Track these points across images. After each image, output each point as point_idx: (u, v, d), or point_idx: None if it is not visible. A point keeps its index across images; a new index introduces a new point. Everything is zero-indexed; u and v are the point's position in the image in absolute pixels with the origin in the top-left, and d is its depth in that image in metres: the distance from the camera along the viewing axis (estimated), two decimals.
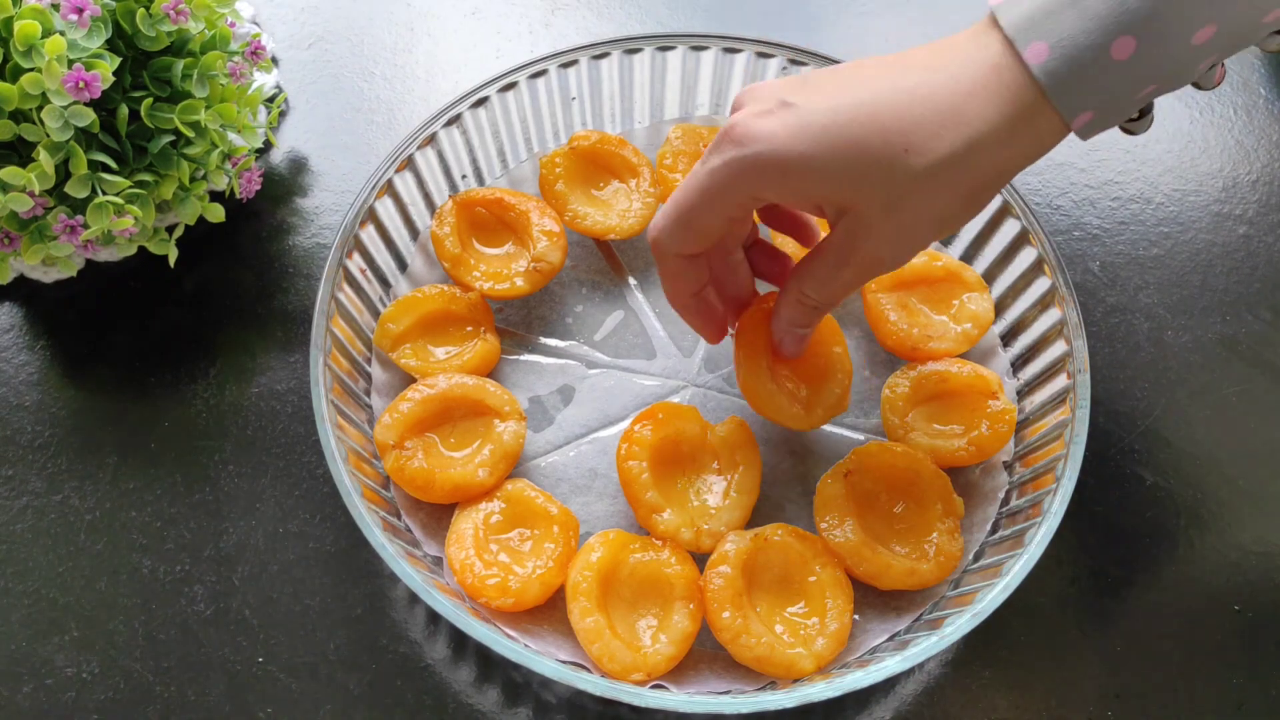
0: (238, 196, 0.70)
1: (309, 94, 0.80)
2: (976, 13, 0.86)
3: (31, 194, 0.61)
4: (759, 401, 0.61)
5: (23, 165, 0.60)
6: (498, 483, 0.61)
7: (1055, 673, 0.61)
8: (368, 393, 0.65)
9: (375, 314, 0.67)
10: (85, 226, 0.62)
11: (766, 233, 0.71)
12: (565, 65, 0.71)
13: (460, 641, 0.61)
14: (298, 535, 0.63)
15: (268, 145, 0.77)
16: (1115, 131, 0.80)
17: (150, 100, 0.63)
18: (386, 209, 0.67)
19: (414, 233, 0.70)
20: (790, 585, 0.59)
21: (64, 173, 0.61)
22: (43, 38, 0.58)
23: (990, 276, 0.69)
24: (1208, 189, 0.79)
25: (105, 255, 0.70)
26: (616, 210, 0.70)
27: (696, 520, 0.60)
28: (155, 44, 0.63)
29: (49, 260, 0.66)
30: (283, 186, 0.76)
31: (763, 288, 0.63)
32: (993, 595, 0.55)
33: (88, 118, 0.60)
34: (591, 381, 0.68)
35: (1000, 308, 0.69)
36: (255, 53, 0.68)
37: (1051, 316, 0.65)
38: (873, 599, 0.60)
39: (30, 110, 0.59)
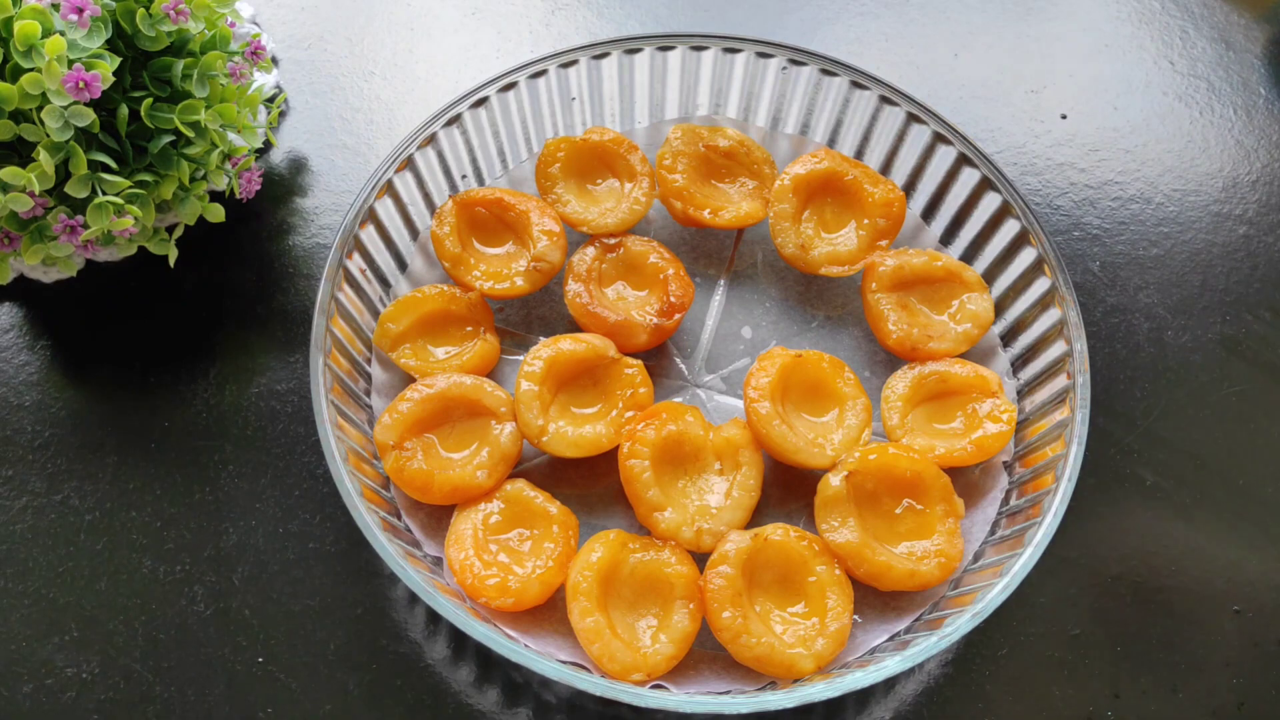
0: (238, 196, 0.70)
1: (309, 94, 0.80)
2: (976, 13, 0.86)
3: (31, 194, 0.61)
4: (775, 447, 0.62)
5: (23, 165, 0.60)
6: (496, 484, 0.61)
7: (1055, 672, 0.61)
8: (368, 393, 0.65)
9: (375, 314, 0.67)
10: (85, 226, 0.62)
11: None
12: (565, 65, 0.71)
13: (460, 641, 0.61)
14: (298, 535, 0.63)
15: (268, 145, 0.77)
16: (1115, 131, 0.80)
17: (150, 100, 0.63)
18: (386, 209, 0.67)
19: (414, 233, 0.70)
20: (790, 585, 0.59)
21: (64, 173, 0.61)
22: (43, 38, 0.58)
23: (990, 276, 0.69)
24: (1208, 189, 0.79)
25: (105, 255, 0.70)
26: (601, 206, 0.70)
27: (697, 520, 0.60)
28: (155, 44, 0.63)
29: (49, 260, 0.66)
30: (283, 186, 0.76)
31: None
32: (993, 595, 0.55)
33: (88, 118, 0.60)
34: None
35: (1000, 308, 0.69)
36: (255, 53, 0.68)
37: (1051, 316, 0.65)
38: (873, 599, 0.60)
39: (30, 110, 0.59)
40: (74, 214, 0.62)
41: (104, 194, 0.61)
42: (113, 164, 0.62)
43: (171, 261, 0.68)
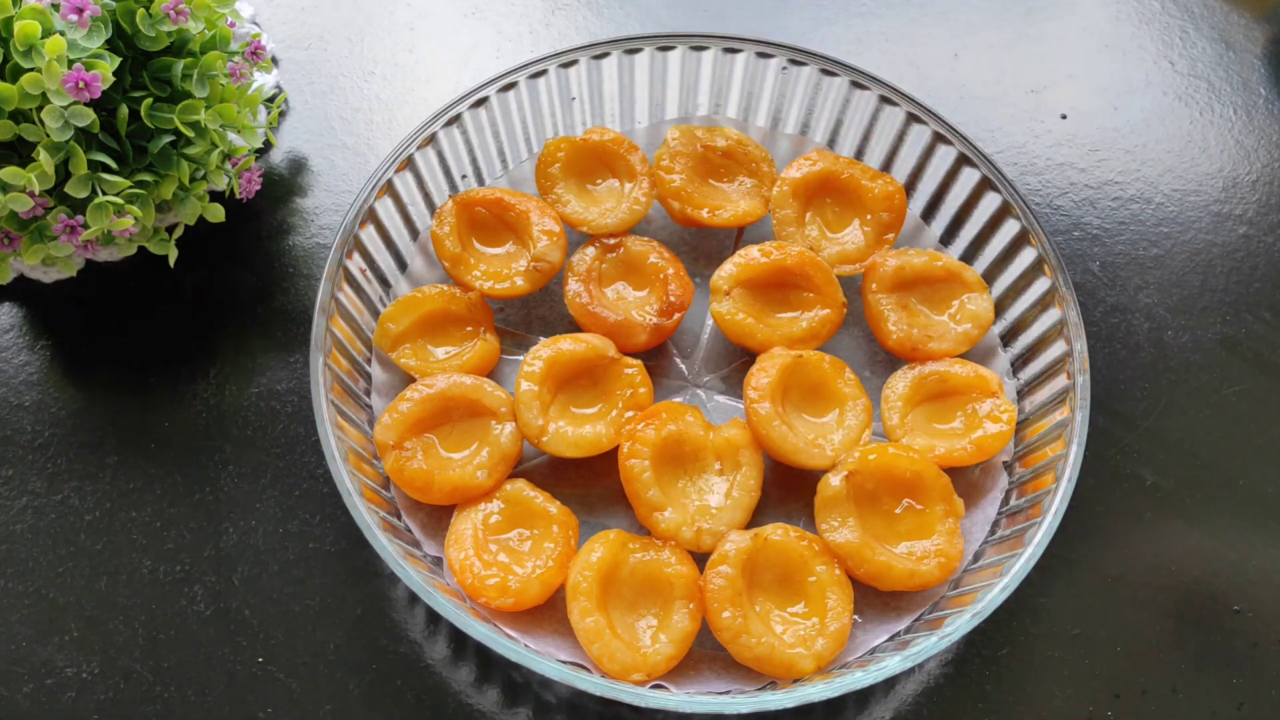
0: (238, 196, 0.70)
1: (309, 94, 0.80)
2: (976, 13, 0.86)
3: (31, 194, 0.61)
4: (775, 447, 0.62)
5: (23, 165, 0.60)
6: (496, 484, 0.61)
7: (1055, 672, 0.61)
8: (368, 393, 0.65)
9: (375, 314, 0.67)
10: (85, 226, 0.62)
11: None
12: (565, 65, 0.71)
13: (460, 641, 0.61)
14: (298, 535, 0.63)
15: (268, 145, 0.77)
16: (1115, 131, 0.80)
17: (150, 100, 0.63)
18: (386, 209, 0.67)
19: (414, 233, 0.70)
20: (790, 585, 0.59)
21: (64, 173, 0.61)
22: (43, 38, 0.58)
23: (990, 276, 0.69)
24: (1208, 189, 0.79)
25: (105, 255, 0.70)
26: (601, 206, 0.70)
27: (697, 520, 0.60)
28: (155, 44, 0.63)
29: (49, 260, 0.66)
30: (283, 186, 0.76)
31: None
32: (993, 595, 0.55)
33: (88, 118, 0.60)
34: None
35: (1000, 308, 0.69)
36: (255, 53, 0.68)
37: (1051, 316, 0.65)
38: (873, 599, 0.60)
39: (30, 110, 0.59)
40: (74, 214, 0.62)
41: (104, 194, 0.61)
42: (113, 164, 0.62)
43: (171, 261, 0.68)
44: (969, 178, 0.69)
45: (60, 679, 0.59)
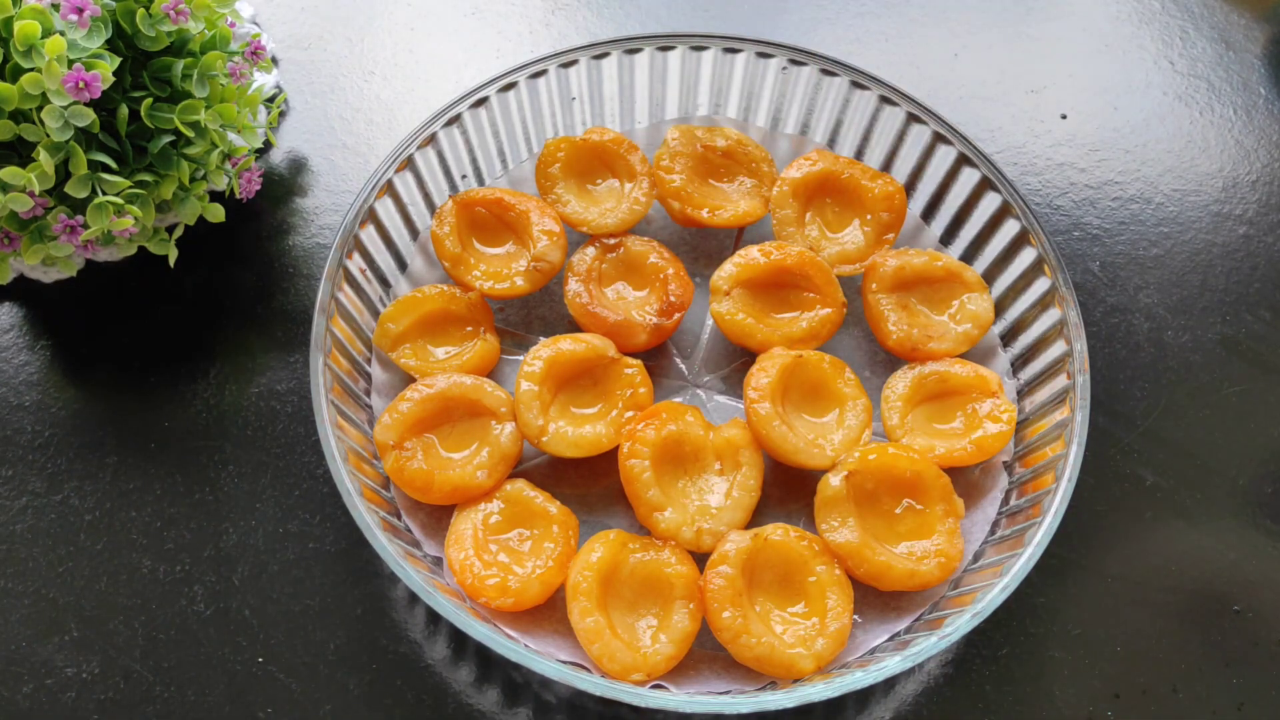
0: (238, 196, 0.70)
1: (309, 94, 0.80)
2: (976, 13, 0.86)
3: (31, 194, 0.61)
4: (775, 447, 0.62)
5: (23, 165, 0.60)
6: (496, 484, 0.61)
7: (1055, 672, 0.61)
8: (368, 393, 0.65)
9: (375, 314, 0.67)
10: (85, 226, 0.62)
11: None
12: (565, 65, 0.71)
13: (460, 641, 0.61)
14: (298, 535, 0.63)
15: (267, 145, 0.77)
16: (1115, 131, 0.80)
17: (150, 100, 0.63)
18: (386, 209, 0.67)
19: (414, 233, 0.70)
20: (790, 585, 0.59)
21: (64, 173, 0.61)
22: (43, 38, 0.58)
23: (990, 276, 0.69)
24: (1208, 189, 0.79)
25: (105, 255, 0.70)
26: (601, 206, 0.70)
27: (697, 520, 0.60)
28: (155, 44, 0.63)
29: (49, 260, 0.66)
30: (283, 186, 0.76)
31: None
32: (992, 595, 0.55)
33: (88, 118, 0.60)
34: None
35: (1000, 308, 0.69)
36: (255, 53, 0.68)
37: (1051, 316, 0.65)
38: (873, 599, 0.60)
39: (30, 110, 0.59)
40: (74, 214, 0.62)
41: (104, 194, 0.61)
42: (113, 164, 0.62)
43: (171, 261, 0.68)
44: (969, 178, 0.69)
45: (60, 679, 0.59)
